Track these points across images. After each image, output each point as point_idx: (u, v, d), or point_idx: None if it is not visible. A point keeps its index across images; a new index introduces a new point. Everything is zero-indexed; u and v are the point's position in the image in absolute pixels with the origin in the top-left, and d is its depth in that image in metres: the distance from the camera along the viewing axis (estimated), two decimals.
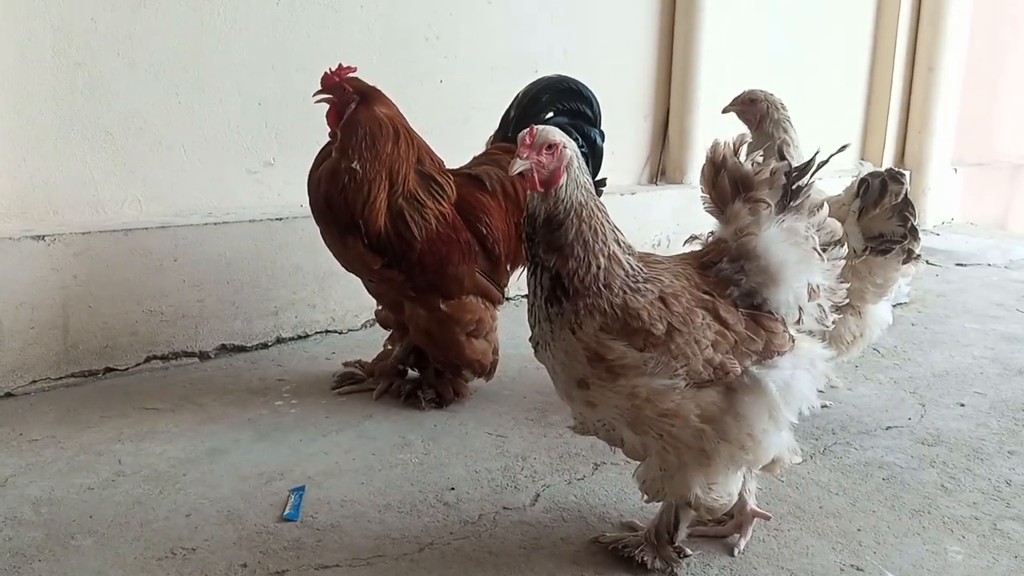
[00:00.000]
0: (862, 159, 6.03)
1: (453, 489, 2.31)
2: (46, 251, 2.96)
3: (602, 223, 1.77)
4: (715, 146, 1.90)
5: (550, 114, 3.01)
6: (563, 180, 1.75)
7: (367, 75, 2.71)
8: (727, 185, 1.87)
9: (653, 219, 4.81)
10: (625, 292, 1.74)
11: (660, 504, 1.98)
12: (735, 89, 3.20)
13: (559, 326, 1.76)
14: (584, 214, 1.75)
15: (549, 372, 1.87)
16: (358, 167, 2.59)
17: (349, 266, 2.79)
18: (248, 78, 3.47)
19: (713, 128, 4.93)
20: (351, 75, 2.64)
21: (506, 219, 2.84)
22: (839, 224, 1.96)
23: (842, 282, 1.98)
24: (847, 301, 2.47)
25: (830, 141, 1.96)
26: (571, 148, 1.78)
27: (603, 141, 3.06)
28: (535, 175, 1.75)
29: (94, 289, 3.07)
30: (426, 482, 2.35)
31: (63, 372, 3.02)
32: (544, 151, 1.74)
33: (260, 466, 2.42)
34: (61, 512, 2.16)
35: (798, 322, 1.89)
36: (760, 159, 1.90)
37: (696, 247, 2.00)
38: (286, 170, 3.60)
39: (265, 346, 3.44)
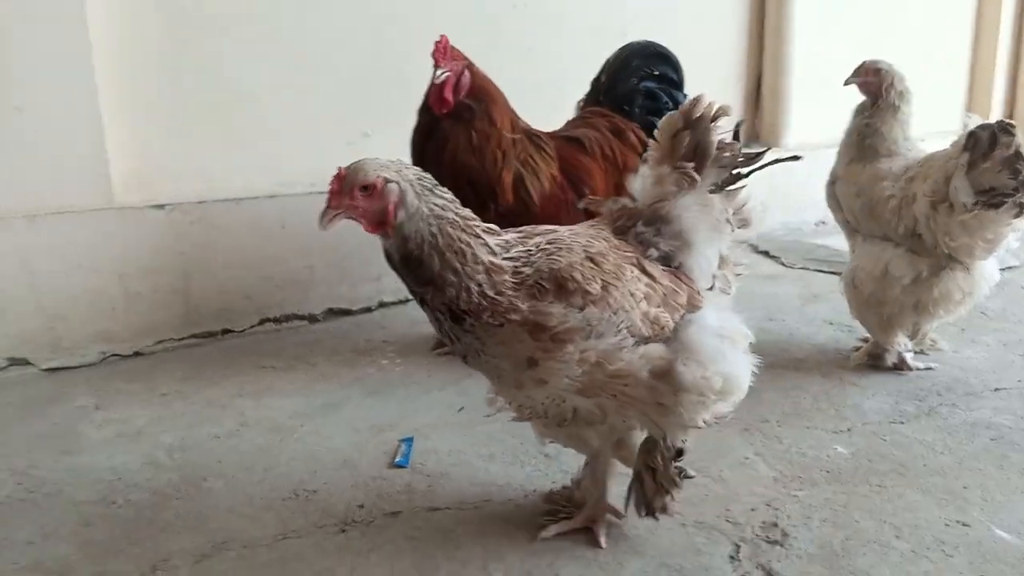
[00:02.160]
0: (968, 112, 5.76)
1: (553, 442, 2.39)
2: (166, 219, 3.16)
3: (466, 242, 1.61)
4: (699, 100, 1.82)
5: (637, 79, 3.03)
6: (401, 217, 1.57)
7: (457, 45, 2.77)
8: (684, 143, 1.81)
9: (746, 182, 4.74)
10: (528, 271, 1.64)
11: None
12: (829, 50, 3.13)
13: (481, 333, 1.64)
14: (441, 243, 1.58)
15: (489, 374, 1.78)
16: (508, 134, 2.62)
17: None
18: (346, 53, 3.58)
19: (806, 90, 4.89)
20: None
21: (606, 180, 2.89)
22: (753, 216, 1.91)
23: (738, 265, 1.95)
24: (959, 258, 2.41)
25: (933, 101, 1.90)
26: (400, 178, 1.58)
27: None
28: (362, 220, 1.59)
29: (211, 255, 3.26)
30: (526, 435, 2.42)
31: (185, 333, 3.23)
32: (359, 194, 1.57)
33: (370, 419, 2.55)
34: (192, 458, 2.34)
35: (711, 288, 1.87)
36: (726, 139, 1.82)
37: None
38: (382, 140, 3.70)
39: (369, 310, 3.58)
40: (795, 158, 1.93)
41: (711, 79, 4.76)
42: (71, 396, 2.74)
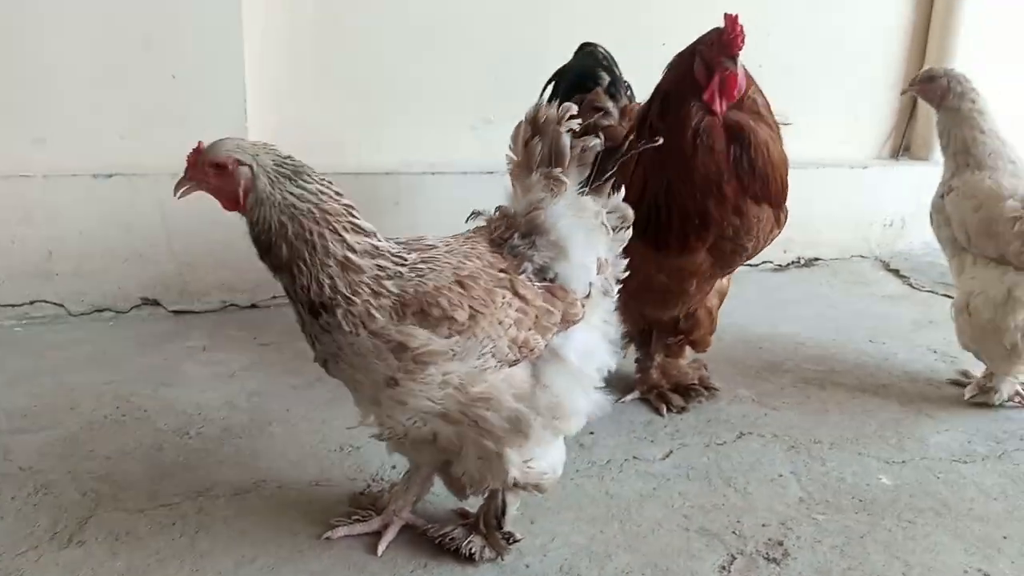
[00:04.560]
0: None
1: (592, 433, 2.44)
2: None
3: (319, 234, 1.57)
4: (540, 107, 1.82)
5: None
6: (251, 201, 1.58)
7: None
8: (539, 151, 1.80)
9: (887, 197, 4.48)
10: (391, 285, 1.61)
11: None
12: (999, 60, 2.94)
13: (338, 335, 1.61)
14: (291, 232, 1.56)
15: (348, 384, 1.75)
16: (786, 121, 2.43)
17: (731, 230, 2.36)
18: (483, 36, 3.76)
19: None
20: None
21: None
22: (631, 210, 1.91)
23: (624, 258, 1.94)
24: None
25: None
26: (254, 162, 1.57)
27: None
28: (217, 196, 1.60)
29: None
30: None
31: None
32: (210, 171, 1.58)
33: None
34: (267, 402, 2.60)
35: (588, 296, 1.84)
36: (578, 130, 1.80)
37: (480, 223, 1.90)
38: (504, 127, 3.82)
39: None
40: (654, 142, 1.88)
41: (864, 84, 4.54)
42: (186, 336, 3.11)
